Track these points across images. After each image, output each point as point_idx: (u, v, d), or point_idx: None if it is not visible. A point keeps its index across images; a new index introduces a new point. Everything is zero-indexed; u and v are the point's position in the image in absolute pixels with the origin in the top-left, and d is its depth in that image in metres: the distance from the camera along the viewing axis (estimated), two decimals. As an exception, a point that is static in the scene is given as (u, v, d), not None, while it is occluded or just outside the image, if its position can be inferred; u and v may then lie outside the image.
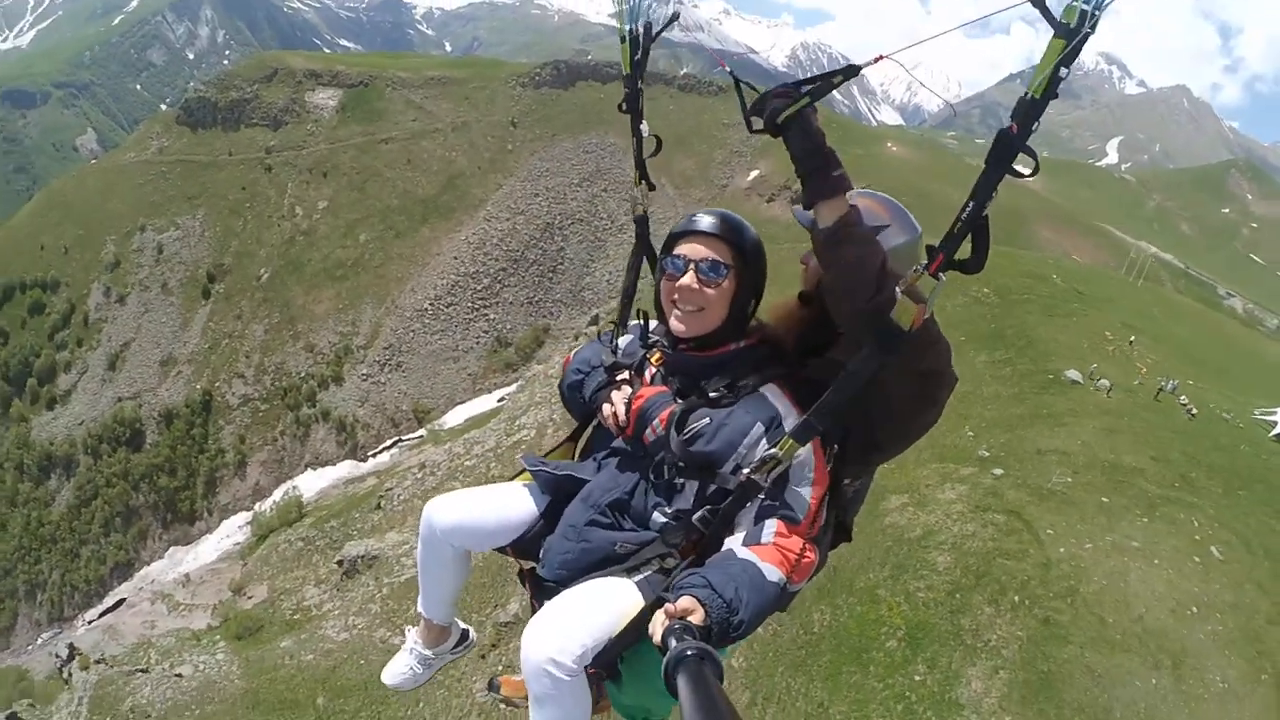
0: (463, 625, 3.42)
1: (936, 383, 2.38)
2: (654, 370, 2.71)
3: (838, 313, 2.31)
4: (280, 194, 74.88)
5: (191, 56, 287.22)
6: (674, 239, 2.61)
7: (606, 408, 2.70)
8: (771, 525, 2.30)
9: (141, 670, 24.73)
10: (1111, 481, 16.22)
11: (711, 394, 2.51)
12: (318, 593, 32.47)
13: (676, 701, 1.53)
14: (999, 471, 16.94)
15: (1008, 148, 1.93)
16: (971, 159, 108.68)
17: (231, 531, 50.04)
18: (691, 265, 2.53)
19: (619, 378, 2.76)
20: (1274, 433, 20.83)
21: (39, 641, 51.98)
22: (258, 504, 50.13)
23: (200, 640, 28.03)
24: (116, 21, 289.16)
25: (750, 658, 14.88)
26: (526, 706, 2.41)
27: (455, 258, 68.04)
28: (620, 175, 70.41)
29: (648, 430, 2.57)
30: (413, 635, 3.33)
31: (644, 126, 2.92)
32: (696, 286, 2.52)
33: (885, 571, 14.80)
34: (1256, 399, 23.90)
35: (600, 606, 2.41)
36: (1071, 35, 1.78)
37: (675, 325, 2.59)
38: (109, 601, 46.37)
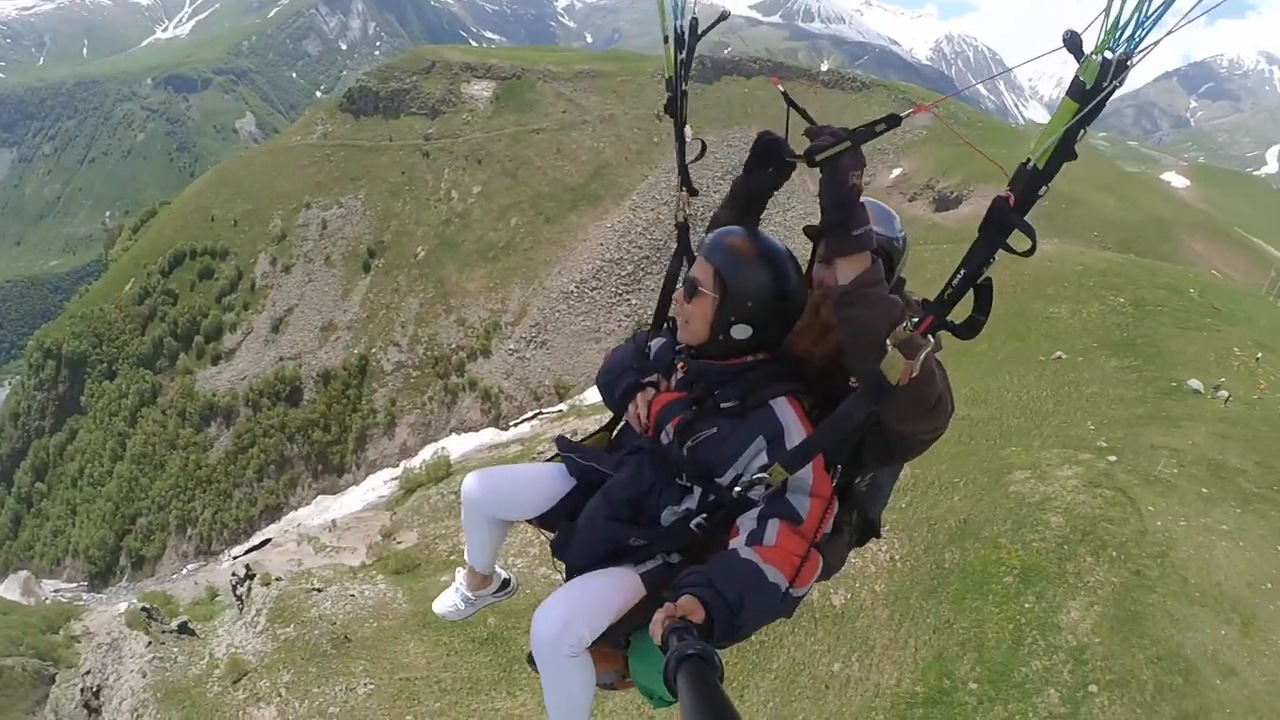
0: (504, 575, 3.59)
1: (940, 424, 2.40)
2: (679, 375, 2.73)
3: (849, 364, 2.31)
4: (437, 178, 78.62)
5: (344, 47, 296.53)
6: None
7: (631, 408, 2.77)
8: (775, 526, 2.31)
9: (317, 589, 25.99)
10: (1214, 477, 17.61)
11: (723, 404, 2.53)
12: (473, 538, 33.50)
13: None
14: (1113, 458, 18.56)
15: (1003, 222, 1.83)
16: (1124, 163, 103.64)
17: (377, 485, 51.89)
18: (684, 281, 2.63)
19: (647, 380, 2.78)
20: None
21: (184, 571, 54.75)
22: (404, 462, 52.29)
23: (357, 574, 29.35)
24: (272, 14, 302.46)
25: (891, 584, 17.15)
26: None
27: (601, 244, 69.87)
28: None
29: (662, 433, 2.63)
30: (460, 576, 3.52)
31: (687, 130, 2.94)
32: (679, 300, 2.61)
33: (1007, 525, 16.92)
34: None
35: (604, 595, 2.57)
36: (1088, 98, 1.62)
37: (679, 332, 2.69)
38: (255, 540, 47.97)
